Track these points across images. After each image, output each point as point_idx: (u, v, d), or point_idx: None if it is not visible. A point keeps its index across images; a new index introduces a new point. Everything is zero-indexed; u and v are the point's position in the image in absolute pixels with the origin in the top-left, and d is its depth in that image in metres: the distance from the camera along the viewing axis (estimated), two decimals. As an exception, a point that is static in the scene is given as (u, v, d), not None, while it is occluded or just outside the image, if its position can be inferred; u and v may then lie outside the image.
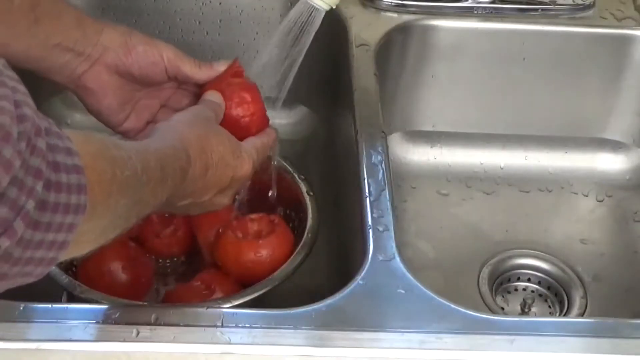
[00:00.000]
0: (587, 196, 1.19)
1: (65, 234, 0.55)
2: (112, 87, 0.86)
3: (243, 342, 0.73)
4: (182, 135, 0.76)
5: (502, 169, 1.21)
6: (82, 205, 0.56)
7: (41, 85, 1.16)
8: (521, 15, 1.15)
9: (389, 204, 0.88)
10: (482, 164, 1.21)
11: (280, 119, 1.18)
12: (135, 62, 0.85)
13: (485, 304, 1.05)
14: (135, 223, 0.70)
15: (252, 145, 0.84)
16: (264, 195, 0.95)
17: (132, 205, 0.66)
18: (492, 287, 1.08)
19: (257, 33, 1.17)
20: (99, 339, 0.73)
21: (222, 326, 0.74)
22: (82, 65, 0.84)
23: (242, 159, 0.82)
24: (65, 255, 0.57)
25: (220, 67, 0.88)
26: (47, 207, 0.53)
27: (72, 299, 0.83)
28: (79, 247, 0.60)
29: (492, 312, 1.04)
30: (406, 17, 1.13)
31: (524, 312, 1.06)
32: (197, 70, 0.87)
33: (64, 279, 0.84)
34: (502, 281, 1.09)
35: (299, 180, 0.97)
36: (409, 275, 0.81)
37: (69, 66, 0.83)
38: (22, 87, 0.53)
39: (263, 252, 0.89)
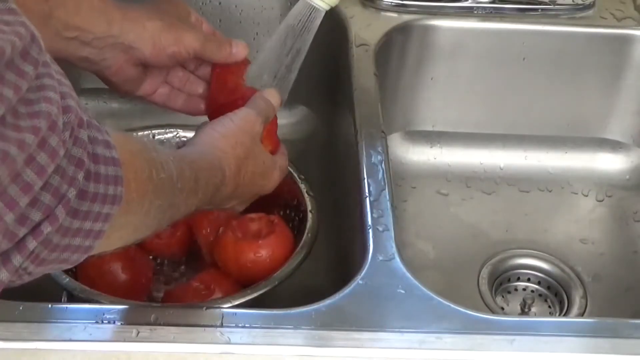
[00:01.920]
0: (587, 196, 1.19)
1: (102, 224, 0.57)
2: (132, 76, 0.86)
3: (243, 342, 0.73)
4: (222, 155, 0.77)
5: (502, 169, 1.21)
6: (119, 196, 0.57)
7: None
8: (521, 15, 1.15)
9: (388, 204, 0.88)
10: (482, 164, 1.21)
11: (280, 119, 1.17)
12: (161, 61, 0.85)
13: (485, 304, 1.05)
14: (165, 227, 0.71)
15: (280, 166, 0.87)
16: (263, 195, 0.94)
17: (167, 208, 0.68)
18: (492, 287, 1.08)
19: (257, 33, 1.17)
20: (98, 339, 0.73)
21: (222, 326, 0.74)
22: (102, 59, 0.83)
23: (270, 179, 0.85)
24: (98, 248, 0.58)
25: (239, 52, 0.88)
26: (86, 196, 0.54)
27: (72, 299, 0.83)
28: (111, 241, 0.62)
29: (492, 312, 1.04)
30: (406, 17, 1.13)
31: (524, 312, 1.06)
32: (217, 55, 0.87)
33: (64, 279, 0.84)
34: (502, 281, 1.09)
35: (299, 180, 0.97)
36: (409, 275, 0.81)
37: (88, 59, 0.82)
38: (66, 81, 0.54)
39: (263, 252, 0.89)
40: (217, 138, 0.79)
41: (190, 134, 0.92)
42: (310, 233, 0.91)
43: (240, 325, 0.75)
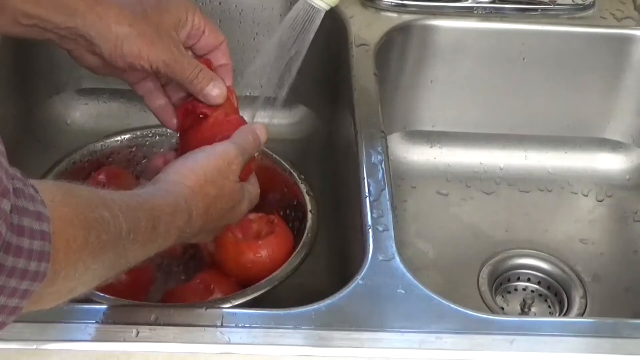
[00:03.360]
0: (587, 196, 1.19)
1: (19, 300, 0.54)
2: (95, 64, 0.82)
3: (243, 342, 0.73)
4: (189, 194, 0.73)
5: (501, 169, 1.21)
6: (42, 272, 0.54)
7: (41, 85, 1.16)
8: (521, 15, 1.15)
9: (388, 204, 0.88)
10: (482, 164, 1.21)
11: (280, 119, 1.18)
12: (119, 65, 0.80)
13: (485, 304, 1.05)
14: (114, 278, 0.68)
15: (250, 197, 0.83)
16: (263, 195, 0.94)
17: (108, 267, 0.64)
18: (492, 287, 1.08)
19: (257, 33, 1.17)
20: (98, 339, 0.73)
21: (222, 326, 0.74)
22: (66, 44, 0.80)
23: (238, 212, 0.82)
24: (29, 308, 0.56)
25: (216, 95, 0.82)
26: (2, 270, 0.51)
27: (72, 299, 0.83)
28: (41, 304, 0.59)
29: (492, 312, 1.04)
30: (406, 17, 1.13)
31: (523, 312, 1.06)
32: (188, 85, 0.82)
33: (64, 279, 0.83)
34: (502, 281, 1.09)
35: (299, 180, 0.97)
36: (409, 275, 0.81)
37: (51, 41, 0.79)
38: (0, 146, 0.52)
39: (262, 252, 0.89)
40: (187, 176, 0.75)
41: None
42: (310, 233, 0.91)
43: (240, 325, 0.75)
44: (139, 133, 1.01)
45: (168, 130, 1.00)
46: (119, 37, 0.78)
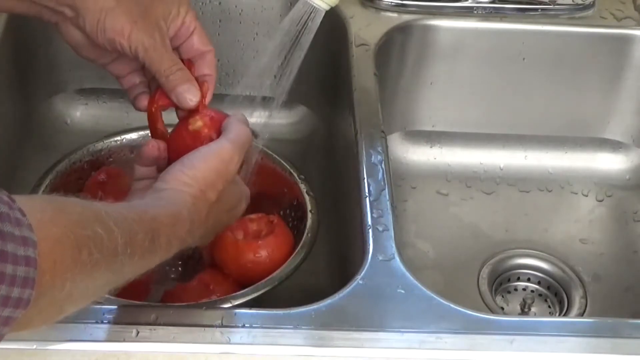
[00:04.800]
0: (587, 196, 1.19)
1: (0, 327, 0.53)
2: (83, 42, 0.81)
3: (243, 342, 0.73)
4: (192, 202, 0.72)
5: (501, 169, 1.21)
6: (25, 299, 0.53)
7: (41, 85, 1.16)
8: (521, 15, 1.15)
9: (388, 204, 0.88)
10: (481, 164, 1.21)
11: (280, 119, 1.18)
12: (99, 42, 0.78)
13: (485, 304, 1.05)
14: (113, 291, 0.68)
15: (246, 196, 0.82)
16: (263, 195, 0.95)
17: (101, 285, 0.63)
18: (492, 287, 1.08)
19: (256, 33, 1.17)
20: (98, 339, 0.73)
21: (222, 326, 0.74)
22: (53, 17, 0.79)
23: (237, 212, 0.81)
24: (14, 329, 0.55)
25: (187, 98, 0.80)
26: None
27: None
28: (29, 326, 0.57)
29: (492, 312, 1.04)
30: (406, 17, 1.13)
31: (523, 312, 1.06)
32: (163, 79, 0.79)
33: (64, 279, 0.83)
34: (501, 281, 1.09)
35: (299, 180, 0.97)
36: (409, 275, 0.81)
37: (42, 17, 0.79)
38: None
39: (262, 252, 0.89)
40: (188, 183, 0.73)
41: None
42: (310, 233, 0.91)
43: (240, 325, 0.75)
44: (139, 133, 1.01)
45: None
46: (104, 10, 0.77)
